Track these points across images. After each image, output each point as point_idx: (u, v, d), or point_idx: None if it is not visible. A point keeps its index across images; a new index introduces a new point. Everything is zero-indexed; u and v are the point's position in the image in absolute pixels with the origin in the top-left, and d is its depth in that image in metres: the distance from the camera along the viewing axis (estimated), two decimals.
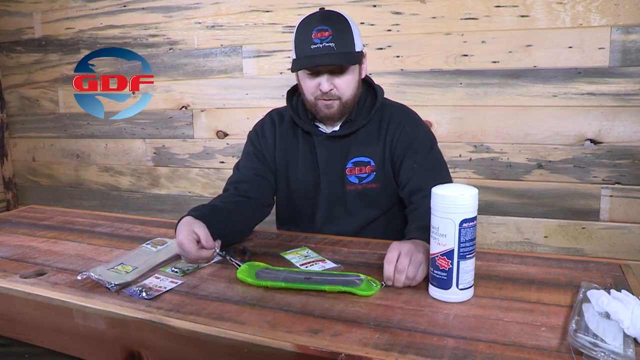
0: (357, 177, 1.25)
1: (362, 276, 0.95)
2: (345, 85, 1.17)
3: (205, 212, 1.09)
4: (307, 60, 1.14)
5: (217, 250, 1.02)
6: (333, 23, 1.14)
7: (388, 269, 0.91)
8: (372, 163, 1.24)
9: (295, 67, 1.17)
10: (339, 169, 1.25)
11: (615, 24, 1.61)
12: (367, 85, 1.30)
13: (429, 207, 0.88)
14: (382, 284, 0.93)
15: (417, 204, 1.15)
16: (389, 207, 1.29)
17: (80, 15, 2.48)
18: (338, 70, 1.15)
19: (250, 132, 1.37)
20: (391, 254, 0.92)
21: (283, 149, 1.31)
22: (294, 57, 1.17)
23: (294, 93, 1.32)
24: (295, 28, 1.18)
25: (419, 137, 1.25)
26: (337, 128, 1.25)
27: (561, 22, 1.67)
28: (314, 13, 1.17)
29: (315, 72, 1.16)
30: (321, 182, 1.28)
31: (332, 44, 1.12)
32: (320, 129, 1.27)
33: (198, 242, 1.00)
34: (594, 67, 1.65)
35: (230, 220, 1.16)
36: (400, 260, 0.91)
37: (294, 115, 1.28)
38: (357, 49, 1.17)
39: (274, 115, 1.35)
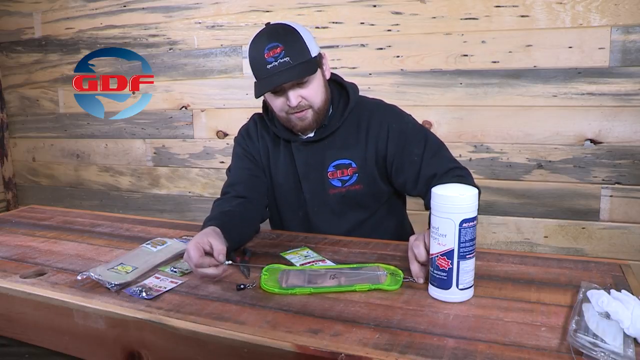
0: (339, 180, 1.24)
1: (382, 268, 0.98)
2: (313, 93, 1.16)
3: (224, 220, 1.09)
4: (267, 81, 1.11)
5: (226, 264, 0.97)
6: (282, 37, 1.11)
7: (413, 268, 0.94)
8: (354, 165, 1.23)
9: (258, 91, 1.15)
10: (319, 173, 1.24)
11: (615, 24, 1.61)
12: (339, 86, 1.28)
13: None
14: (405, 278, 0.94)
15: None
16: (376, 207, 1.29)
17: (80, 15, 2.48)
18: (300, 81, 1.13)
19: (236, 136, 1.36)
20: (410, 252, 0.95)
21: (266, 152, 1.31)
22: (255, 80, 1.16)
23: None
24: (248, 49, 1.16)
25: (408, 130, 1.22)
26: (312, 134, 1.24)
27: (561, 22, 1.67)
28: (261, 31, 1.15)
29: (279, 90, 1.15)
30: (302, 187, 1.27)
31: (286, 59, 1.09)
32: (298, 135, 1.26)
33: (207, 253, 0.96)
34: (594, 67, 1.65)
35: (244, 222, 1.17)
36: (417, 251, 0.93)
37: (270, 124, 1.28)
38: (313, 54, 1.15)
39: (257, 119, 1.34)
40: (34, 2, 2.58)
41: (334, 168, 1.24)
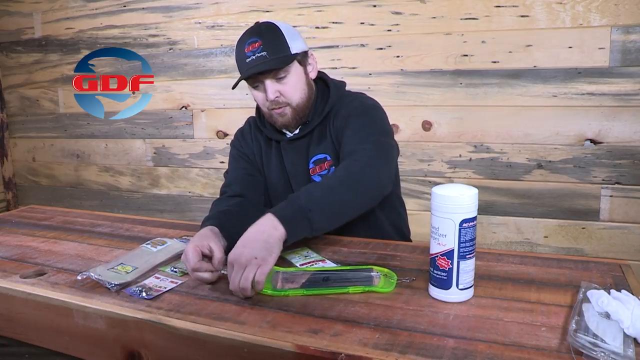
0: (319, 176, 1.24)
1: (376, 270, 0.97)
2: (291, 89, 1.18)
3: (222, 219, 1.09)
4: (243, 73, 1.16)
5: (223, 272, 0.97)
6: (262, 33, 1.15)
7: (230, 288, 0.89)
8: (329, 158, 1.23)
9: (235, 83, 1.19)
10: (304, 171, 1.26)
11: (615, 24, 1.61)
12: (325, 84, 1.29)
13: (335, 174, 1.02)
14: (399, 279, 0.94)
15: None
16: None
17: (80, 15, 2.48)
18: (277, 75, 1.16)
19: (232, 140, 1.38)
20: (228, 270, 0.89)
21: (259, 153, 1.32)
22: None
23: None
24: (235, 48, 1.20)
25: (352, 112, 1.20)
26: (297, 131, 1.26)
27: (561, 22, 1.67)
28: (247, 29, 1.19)
29: (258, 84, 1.18)
30: (292, 185, 1.28)
31: (263, 53, 1.13)
32: (286, 134, 1.27)
33: (205, 256, 0.96)
34: (594, 67, 1.65)
35: (243, 221, 1.16)
36: (231, 275, 0.88)
37: (260, 125, 1.30)
38: (294, 51, 1.17)
39: (252, 122, 1.37)
40: (34, 2, 2.58)
41: (314, 164, 1.24)
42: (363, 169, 1.05)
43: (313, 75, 1.25)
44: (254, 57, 1.14)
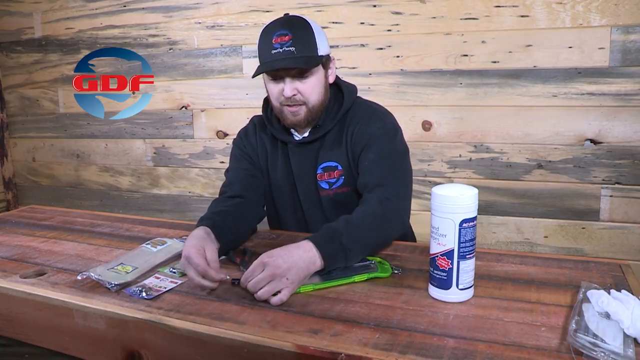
0: (327, 183, 1.23)
1: (370, 258, 1.02)
2: (310, 89, 1.16)
3: (216, 220, 1.09)
4: (267, 65, 1.13)
5: (226, 277, 0.95)
6: (293, 28, 1.13)
7: (248, 286, 0.89)
8: (340, 167, 1.22)
9: (255, 72, 1.15)
10: (311, 175, 1.24)
11: (615, 24, 1.61)
12: (338, 88, 1.28)
13: (361, 210, 1.05)
14: (393, 269, 0.98)
15: (358, 206, 1.11)
16: None
17: (80, 15, 2.48)
18: (300, 74, 1.14)
19: (234, 138, 1.37)
20: (253, 266, 0.89)
21: (264, 154, 1.31)
22: (259, 63, 1.16)
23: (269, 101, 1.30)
24: (260, 33, 1.17)
25: (374, 134, 1.19)
26: (307, 134, 1.25)
27: (561, 22, 1.67)
28: (277, 19, 1.17)
29: (277, 77, 1.15)
30: (297, 188, 1.27)
31: (292, 48, 1.10)
32: (293, 135, 1.26)
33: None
34: (594, 67, 1.65)
35: (238, 222, 1.16)
36: (257, 276, 0.88)
37: (267, 123, 1.28)
38: (321, 52, 1.15)
39: (256, 121, 1.35)
40: (34, 2, 2.58)
41: (322, 170, 1.23)
42: (394, 211, 1.10)
43: (331, 79, 1.23)
44: (281, 50, 1.11)
